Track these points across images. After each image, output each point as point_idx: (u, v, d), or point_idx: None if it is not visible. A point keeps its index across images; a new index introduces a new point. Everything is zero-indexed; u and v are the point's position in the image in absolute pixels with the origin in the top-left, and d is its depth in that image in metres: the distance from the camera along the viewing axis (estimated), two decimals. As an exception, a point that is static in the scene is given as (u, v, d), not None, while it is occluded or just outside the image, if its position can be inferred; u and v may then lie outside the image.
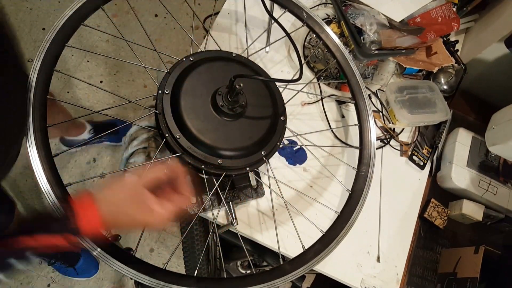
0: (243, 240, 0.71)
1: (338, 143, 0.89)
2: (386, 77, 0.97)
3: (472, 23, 1.09)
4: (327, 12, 0.97)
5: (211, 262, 1.08)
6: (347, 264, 0.80)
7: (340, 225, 0.67)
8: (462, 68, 1.01)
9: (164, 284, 0.54)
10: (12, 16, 1.75)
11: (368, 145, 0.75)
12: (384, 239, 0.84)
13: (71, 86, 1.68)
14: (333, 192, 0.83)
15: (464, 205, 0.90)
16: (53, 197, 0.53)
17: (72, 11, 0.62)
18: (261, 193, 0.76)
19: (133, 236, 1.56)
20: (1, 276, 0.45)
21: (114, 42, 1.80)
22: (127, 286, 1.52)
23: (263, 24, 0.95)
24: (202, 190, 0.71)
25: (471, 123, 1.04)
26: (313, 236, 0.66)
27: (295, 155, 0.84)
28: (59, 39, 0.60)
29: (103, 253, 0.53)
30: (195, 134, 0.60)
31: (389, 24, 0.90)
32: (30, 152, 0.54)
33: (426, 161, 0.94)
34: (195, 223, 1.00)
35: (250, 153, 0.63)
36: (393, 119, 0.93)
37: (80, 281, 1.47)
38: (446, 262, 0.88)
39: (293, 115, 0.88)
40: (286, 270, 0.60)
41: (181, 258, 1.49)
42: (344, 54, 0.79)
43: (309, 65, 0.94)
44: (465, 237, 0.93)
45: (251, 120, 0.64)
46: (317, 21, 0.79)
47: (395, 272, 0.83)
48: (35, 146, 0.54)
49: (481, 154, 0.93)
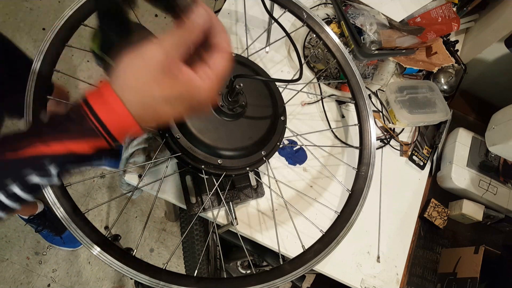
0: (243, 240, 0.71)
1: (338, 143, 0.89)
2: (386, 77, 0.97)
3: (472, 23, 1.09)
4: (327, 12, 0.97)
5: (211, 262, 1.09)
6: (347, 264, 0.80)
7: (340, 225, 0.67)
8: (462, 68, 1.01)
9: (164, 284, 0.54)
10: (12, 16, 1.75)
11: (368, 145, 0.75)
12: (384, 239, 0.84)
13: (71, 86, 1.68)
14: (333, 192, 0.83)
15: (464, 205, 0.90)
16: (53, 197, 0.53)
17: (72, 11, 0.62)
18: (261, 193, 0.76)
19: (133, 236, 1.56)
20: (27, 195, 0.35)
21: (114, 42, 1.80)
22: (127, 286, 1.52)
23: (263, 24, 0.95)
24: (202, 189, 0.71)
25: (471, 123, 1.04)
26: (313, 236, 0.66)
27: (295, 155, 0.84)
28: (59, 39, 0.60)
29: (103, 253, 0.53)
30: (195, 134, 0.60)
31: (389, 24, 0.90)
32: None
33: (426, 161, 0.94)
34: (195, 223, 1.00)
35: (250, 153, 0.63)
36: (393, 119, 0.93)
37: (80, 281, 1.47)
38: (446, 262, 0.88)
39: (293, 115, 0.88)
40: (286, 270, 0.60)
41: (181, 258, 1.49)
42: (344, 54, 0.79)
43: (309, 65, 0.94)
44: (465, 237, 0.93)
45: (251, 120, 0.64)
46: (317, 21, 0.79)
47: (395, 272, 0.83)
48: (35, 146, 0.54)
49: (481, 154, 0.93)
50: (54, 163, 0.34)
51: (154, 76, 0.34)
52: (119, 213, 1.54)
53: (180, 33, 0.35)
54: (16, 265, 1.44)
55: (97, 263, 1.50)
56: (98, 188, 1.59)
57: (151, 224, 1.59)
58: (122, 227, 1.56)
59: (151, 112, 0.36)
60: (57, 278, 1.46)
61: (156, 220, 1.61)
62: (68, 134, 0.34)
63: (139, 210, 1.60)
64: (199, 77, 0.36)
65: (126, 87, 0.34)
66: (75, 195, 1.56)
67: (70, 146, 0.34)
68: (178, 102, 0.36)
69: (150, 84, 0.34)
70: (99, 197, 1.58)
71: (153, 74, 0.34)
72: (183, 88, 0.35)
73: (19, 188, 0.34)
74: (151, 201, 1.60)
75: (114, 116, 0.34)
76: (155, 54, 0.34)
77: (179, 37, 0.35)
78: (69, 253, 1.49)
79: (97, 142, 0.35)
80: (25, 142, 0.33)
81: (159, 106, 0.35)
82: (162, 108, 0.36)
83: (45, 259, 1.47)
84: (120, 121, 0.34)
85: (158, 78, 0.34)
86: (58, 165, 0.34)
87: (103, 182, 1.60)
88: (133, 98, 0.34)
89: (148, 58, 0.34)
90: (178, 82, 0.35)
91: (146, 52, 0.34)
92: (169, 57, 0.34)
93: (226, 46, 0.38)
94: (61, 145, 0.33)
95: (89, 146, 0.34)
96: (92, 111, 0.34)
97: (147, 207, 1.60)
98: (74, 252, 1.49)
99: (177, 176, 0.74)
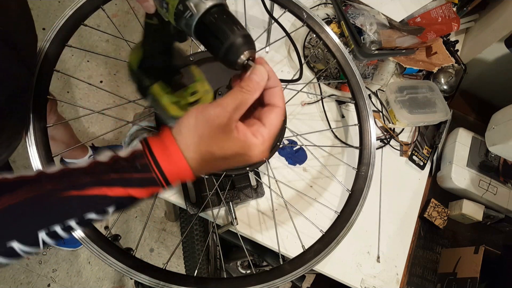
0: (243, 240, 0.71)
1: (338, 143, 0.89)
2: (386, 77, 0.97)
3: (472, 23, 1.09)
4: (327, 12, 0.97)
5: (211, 262, 1.09)
6: (347, 264, 0.80)
7: (340, 225, 0.67)
8: (462, 68, 1.01)
9: (164, 284, 0.54)
10: (12, 16, 1.75)
11: (368, 145, 0.75)
12: (384, 239, 0.84)
13: (71, 86, 1.68)
14: (333, 192, 0.83)
15: (464, 205, 0.90)
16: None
17: (72, 11, 0.62)
18: (261, 193, 0.76)
19: (133, 236, 1.56)
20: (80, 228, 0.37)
21: (114, 42, 1.80)
22: (127, 286, 1.52)
23: (263, 24, 0.95)
24: (202, 189, 0.71)
25: (471, 123, 1.04)
26: (313, 236, 0.66)
27: (295, 155, 0.84)
28: (59, 39, 0.61)
29: (103, 253, 0.53)
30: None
31: (389, 24, 0.90)
32: (30, 151, 0.54)
33: (426, 161, 0.94)
34: (195, 223, 1.00)
35: (250, 153, 0.63)
36: (393, 119, 0.93)
37: (80, 281, 1.47)
38: (446, 262, 0.88)
39: (293, 115, 0.88)
40: (286, 270, 0.60)
41: (181, 258, 1.49)
42: (344, 54, 0.79)
43: (309, 65, 0.94)
44: (465, 237, 0.93)
45: (251, 120, 0.64)
46: (317, 21, 0.79)
47: (395, 272, 0.83)
48: (35, 145, 0.54)
49: (481, 154, 0.93)
50: (114, 204, 0.37)
51: (217, 136, 0.36)
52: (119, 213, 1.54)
53: (242, 96, 0.37)
54: (16, 265, 1.44)
55: (97, 263, 1.50)
56: (98, 188, 1.59)
57: (151, 224, 1.59)
58: (122, 227, 1.56)
59: (209, 167, 0.39)
60: (57, 278, 1.46)
61: (156, 220, 1.61)
62: (131, 181, 0.36)
63: (139, 210, 1.60)
64: (254, 136, 0.38)
65: (190, 144, 0.37)
66: (75, 195, 1.56)
67: (131, 191, 0.36)
68: (233, 159, 0.38)
69: (212, 144, 0.37)
70: (99, 197, 1.58)
71: (216, 135, 0.36)
72: (239, 147, 0.37)
73: (75, 223, 0.36)
74: (151, 201, 1.60)
75: (176, 169, 0.37)
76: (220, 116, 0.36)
77: (241, 100, 0.37)
78: (69, 253, 1.49)
79: (155, 190, 0.37)
80: (90, 182, 0.36)
81: (217, 163, 0.38)
82: (219, 164, 0.39)
83: (45, 259, 1.47)
84: (180, 173, 0.37)
85: (219, 138, 0.37)
86: (116, 207, 0.37)
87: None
88: (195, 156, 0.37)
89: (212, 119, 0.36)
90: (235, 141, 0.37)
91: (211, 112, 0.36)
92: (231, 118, 0.36)
93: (281, 104, 0.40)
94: (123, 190, 0.36)
95: (147, 192, 0.37)
96: (156, 163, 0.36)
97: (147, 207, 1.60)
98: (74, 252, 1.49)
99: (177, 176, 0.74)
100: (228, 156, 0.38)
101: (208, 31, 0.38)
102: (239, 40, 0.37)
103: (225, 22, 0.37)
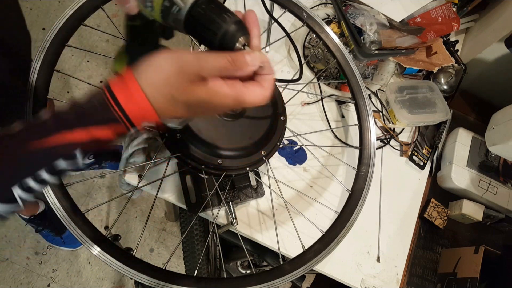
0: (243, 240, 0.71)
1: (338, 143, 0.89)
2: (386, 77, 0.97)
3: (472, 23, 1.09)
4: (327, 12, 0.97)
5: (211, 262, 1.09)
6: (347, 264, 0.80)
7: (340, 225, 0.67)
8: (462, 68, 1.01)
9: (164, 284, 0.54)
10: (12, 16, 1.75)
11: (368, 145, 0.75)
12: (384, 239, 0.84)
13: (71, 86, 1.68)
14: (333, 192, 0.83)
15: (464, 205, 0.90)
16: (53, 197, 0.53)
17: (72, 11, 0.62)
18: (261, 193, 0.76)
19: (133, 236, 1.56)
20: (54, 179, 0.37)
21: (114, 42, 1.80)
22: (127, 286, 1.52)
23: (263, 24, 0.95)
24: (202, 189, 0.71)
25: (471, 123, 1.04)
26: (313, 236, 0.66)
27: (295, 155, 0.84)
28: (59, 39, 0.61)
29: (103, 253, 0.53)
30: (195, 134, 0.60)
31: (389, 24, 0.90)
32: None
33: (426, 161, 0.94)
34: (195, 223, 1.00)
35: (250, 153, 0.63)
36: (393, 119, 0.93)
37: (80, 281, 1.47)
38: (446, 262, 0.88)
39: (293, 115, 0.88)
40: (286, 270, 0.60)
41: (181, 258, 1.49)
42: (344, 54, 0.79)
43: (309, 65, 0.94)
44: (465, 237, 0.93)
45: (251, 120, 0.64)
46: (317, 21, 0.79)
47: (395, 272, 0.83)
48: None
49: (481, 154, 0.93)
50: (79, 148, 0.36)
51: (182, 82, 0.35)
52: (119, 213, 1.54)
53: (225, 63, 0.35)
54: (16, 265, 1.44)
55: (97, 263, 1.50)
56: (98, 188, 1.59)
57: (151, 224, 1.59)
58: (122, 227, 1.56)
59: (171, 110, 0.37)
60: (57, 278, 1.46)
61: (156, 220, 1.61)
62: (91, 121, 0.35)
63: (139, 210, 1.60)
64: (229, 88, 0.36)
65: (153, 83, 0.35)
66: (75, 195, 1.56)
67: (94, 132, 0.36)
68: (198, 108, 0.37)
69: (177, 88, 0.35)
70: (99, 197, 1.58)
71: (182, 81, 0.35)
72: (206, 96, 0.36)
73: (46, 173, 0.36)
74: (151, 201, 1.60)
75: (137, 107, 0.36)
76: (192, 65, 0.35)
77: (222, 65, 0.35)
78: (69, 253, 1.49)
79: (118, 128, 0.36)
80: (50, 129, 0.35)
81: (178, 107, 0.37)
82: (180, 109, 0.37)
83: (45, 259, 1.47)
84: (142, 112, 0.36)
85: (185, 85, 0.35)
86: (83, 150, 0.36)
87: (103, 182, 1.60)
88: (157, 95, 0.36)
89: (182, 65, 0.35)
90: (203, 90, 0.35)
91: (184, 58, 0.35)
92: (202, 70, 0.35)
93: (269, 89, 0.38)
94: (86, 133, 0.35)
95: (111, 132, 0.36)
96: (115, 99, 0.35)
97: (147, 207, 1.60)
98: (74, 252, 1.49)
99: (177, 176, 0.74)
100: (193, 103, 0.36)
101: (199, 23, 0.37)
102: (232, 27, 0.36)
103: (214, 12, 0.37)
